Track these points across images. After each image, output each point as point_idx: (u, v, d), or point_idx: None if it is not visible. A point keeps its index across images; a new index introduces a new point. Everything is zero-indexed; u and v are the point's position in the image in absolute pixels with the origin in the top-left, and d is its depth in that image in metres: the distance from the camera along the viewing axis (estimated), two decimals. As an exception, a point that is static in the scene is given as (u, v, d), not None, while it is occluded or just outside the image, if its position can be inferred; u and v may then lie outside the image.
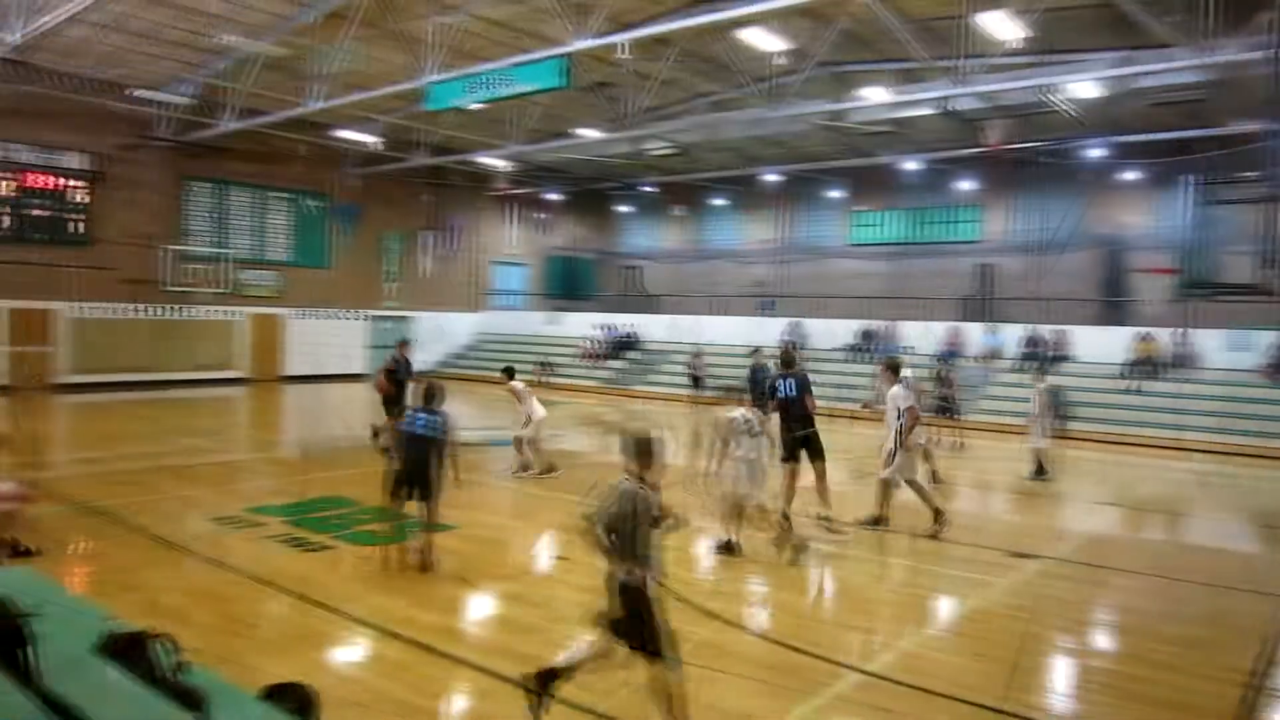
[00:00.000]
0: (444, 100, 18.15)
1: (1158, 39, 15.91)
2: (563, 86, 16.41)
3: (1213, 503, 13.66)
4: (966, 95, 18.17)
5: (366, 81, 22.70)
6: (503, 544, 9.28)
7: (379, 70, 21.70)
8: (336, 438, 17.07)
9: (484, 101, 17.99)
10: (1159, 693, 5.73)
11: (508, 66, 16.99)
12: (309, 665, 5.77)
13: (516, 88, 16.83)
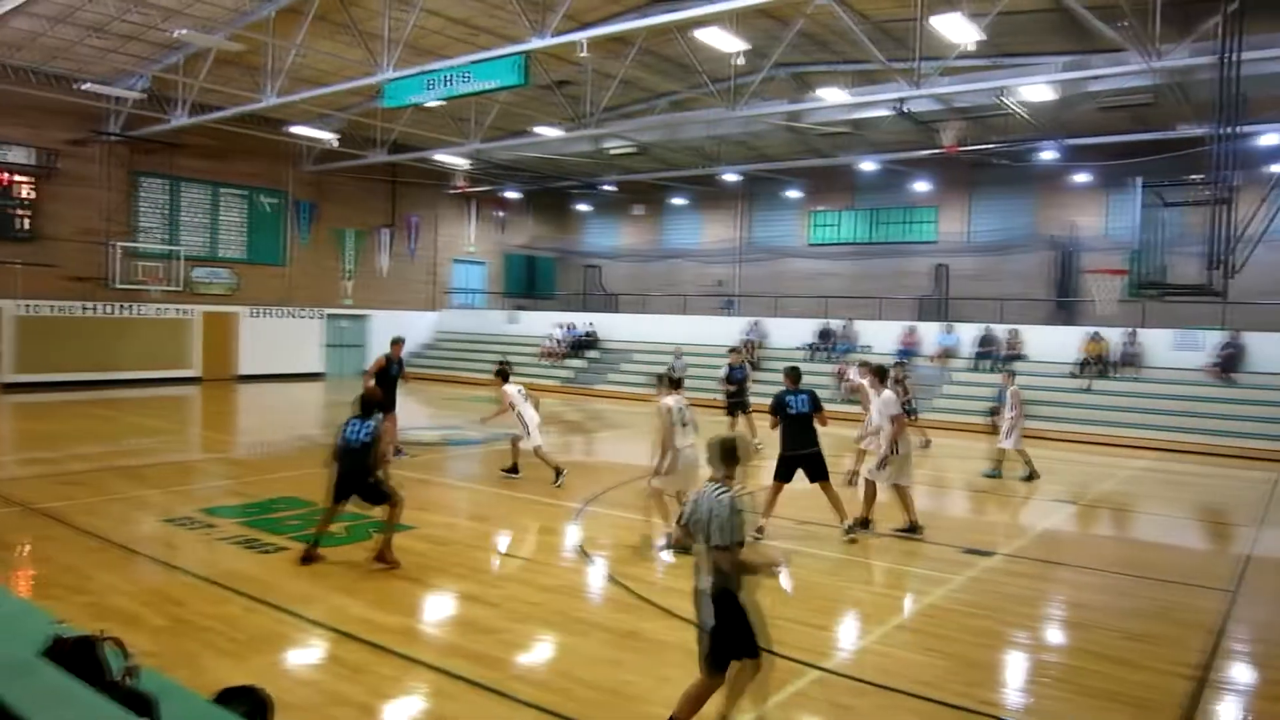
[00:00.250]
0: (401, 97, 17.99)
1: (1107, 44, 16.22)
2: (522, 84, 16.33)
3: (1162, 499, 13.95)
4: (922, 97, 18.39)
5: (322, 77, 22.47)
6: (460, 544, 9.21)
7: (335, 66, 21.48)
8: (293, 438, 16.85)
9: (442, 99, 17.85)
10: (1111, 686, 5.84)
11: (466, 63, 16.87)
12: (264, 668, 5.69)
13: (475, 85, 16.72)
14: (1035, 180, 27.24)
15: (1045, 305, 26.63)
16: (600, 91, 21.90)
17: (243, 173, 27.96)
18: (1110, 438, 18.80)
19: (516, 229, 38.09)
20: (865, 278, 30.90)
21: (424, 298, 34.33)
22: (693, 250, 35.99)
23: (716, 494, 4.67)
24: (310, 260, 30.08)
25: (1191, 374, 20.20)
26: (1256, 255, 15.54)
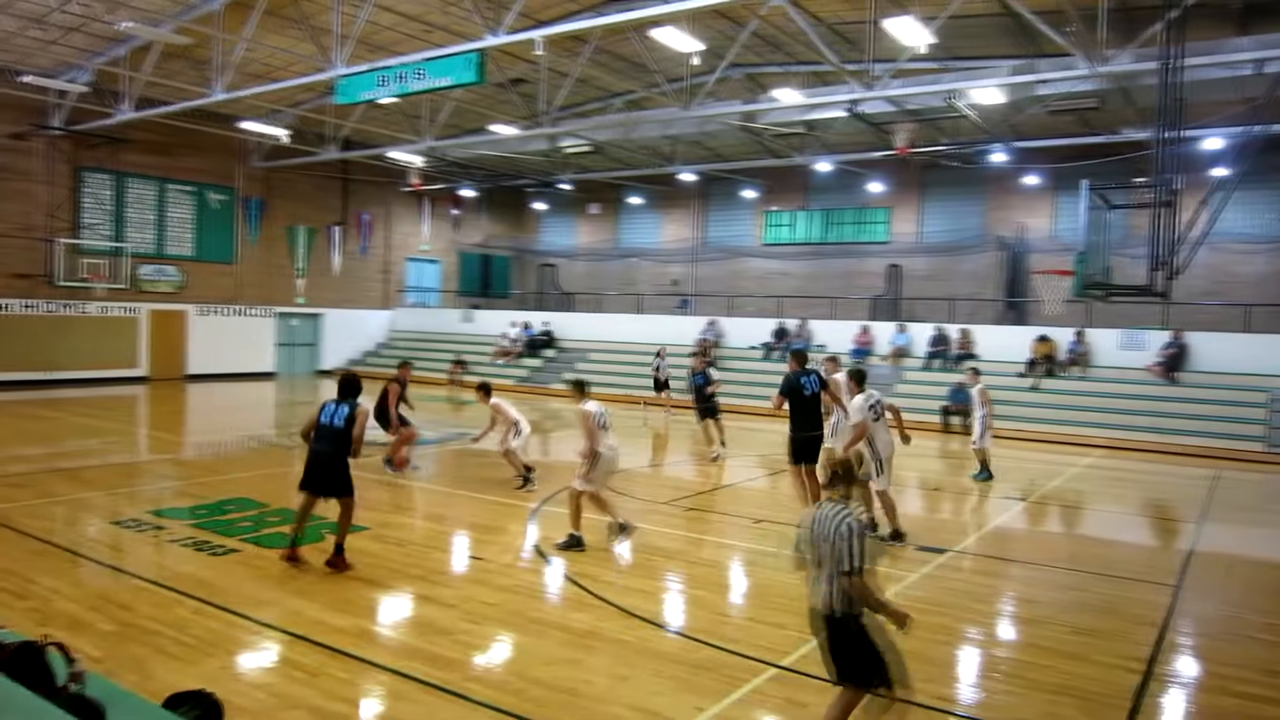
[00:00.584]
0: (354, 93, 17.76)
1: (1055, 48, 16.54)
2: (477, 82, 16.22)
3: (1108, 496, 14.25)
4: (875, 99, 18.62)
5: (273, 73, 22.14)
6: (416, 545, 9.13)
7: (285, 61, 21.17)
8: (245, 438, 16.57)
9: (396, 96, 17.66)
10: (1059, 680, 5.95)
11: (420, 60, 16.72)
12: (215, 672, 5.60)
13: (429, 82, 16.56)
14: (985, 182, 27.72)
15: (995, 305, 27.09)
16: (556, 90, 21.85)
17: (190, 169, 27.44)
18: (1058, 436, 19.16)
19: (471, 227, 37.84)
20: (819, 277, 31.22)
21: (377, 296, 33.98)
22: (649, 249, 36.05)
23: (838, 515, 4.53)
24: (260, 258, 29.61)
25: (1136, 373, 20.67)
26: (1198, 257, 15.94)
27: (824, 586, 4.55)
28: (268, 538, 8.90)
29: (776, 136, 26.01)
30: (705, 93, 20.08)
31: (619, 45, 21.18)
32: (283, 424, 19.44)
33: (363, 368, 31.36)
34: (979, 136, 23.35)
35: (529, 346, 29.74)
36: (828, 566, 4.52)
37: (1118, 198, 16.73)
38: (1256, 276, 24.10)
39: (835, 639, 4.57)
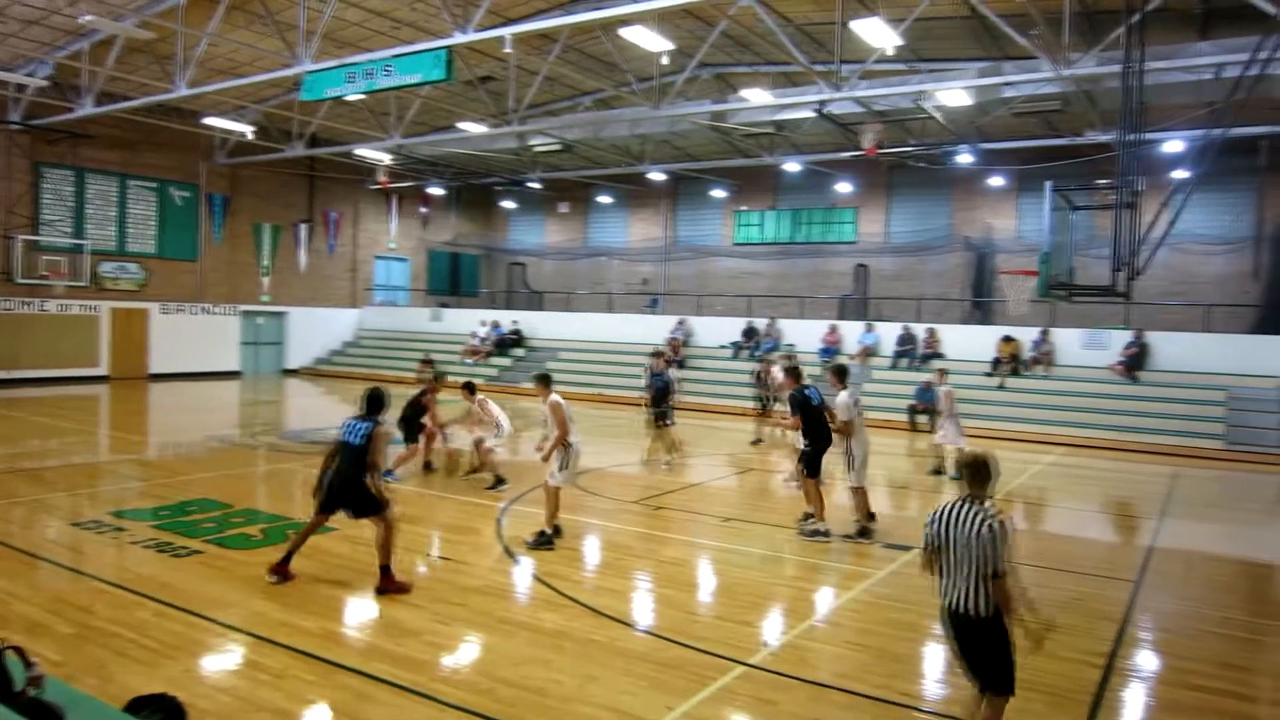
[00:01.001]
0: (321, 90, 17.59)
1: (1020, 51, 16.74)
2: (445, 79, 16.12)
3: (1071, 493, 14.45)
4: (843, 100, 18.73)
5: (237, 68, 21.88)
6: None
7: (250, 57, 20.94)
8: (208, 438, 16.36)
9: (363, 93, 17.52)
10: (1025, 675, 5.96)
11: (388, 57, 16.59)
12: (178, 676, 5.52)
13: (397, 79, 16.44)
14: (951, 183, 28.00)
15: (962, 305, 27.36)
16: (525, 88, 21.78)
17: (153, 165, 27.04)
18: (1023, 434, 19.38)
19: (440, 225, 37.62)
20: (788, 277, 31.40)
21: (345, 294, 33.68)
22: (619, 248, 36.03)
23: (977, 516, 4.48)
24: (225, 255, 29.24)
25: (1099, 372, 20.97)
26: (1159, 258, 16.20)
27: (962, 587, 4.49)
28: (232, 539, 8.80)
29: (746, 136, 26.10)
30: (675, 92, 20.12)
31: (588, 44, 21.16)
32: (247, 424, 19.23)
33: (329, 367, 31.17)
34: (945, 138, 23.58)
35: (498, 346, 29.61)
36: (966, 567, 4.47)
37: (1081, 199, 16.97)
38: (1215, 277, 24.54)
39: (974, 641, 4.53)
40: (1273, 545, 11.62)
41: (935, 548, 4.61)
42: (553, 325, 30.27)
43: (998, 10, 15.74)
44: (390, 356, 30.75)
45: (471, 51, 19.52)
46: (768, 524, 10.39)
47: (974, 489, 4.64)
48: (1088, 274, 19.11)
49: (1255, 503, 14.32)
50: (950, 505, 4.63)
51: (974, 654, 4.55)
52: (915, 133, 24.16)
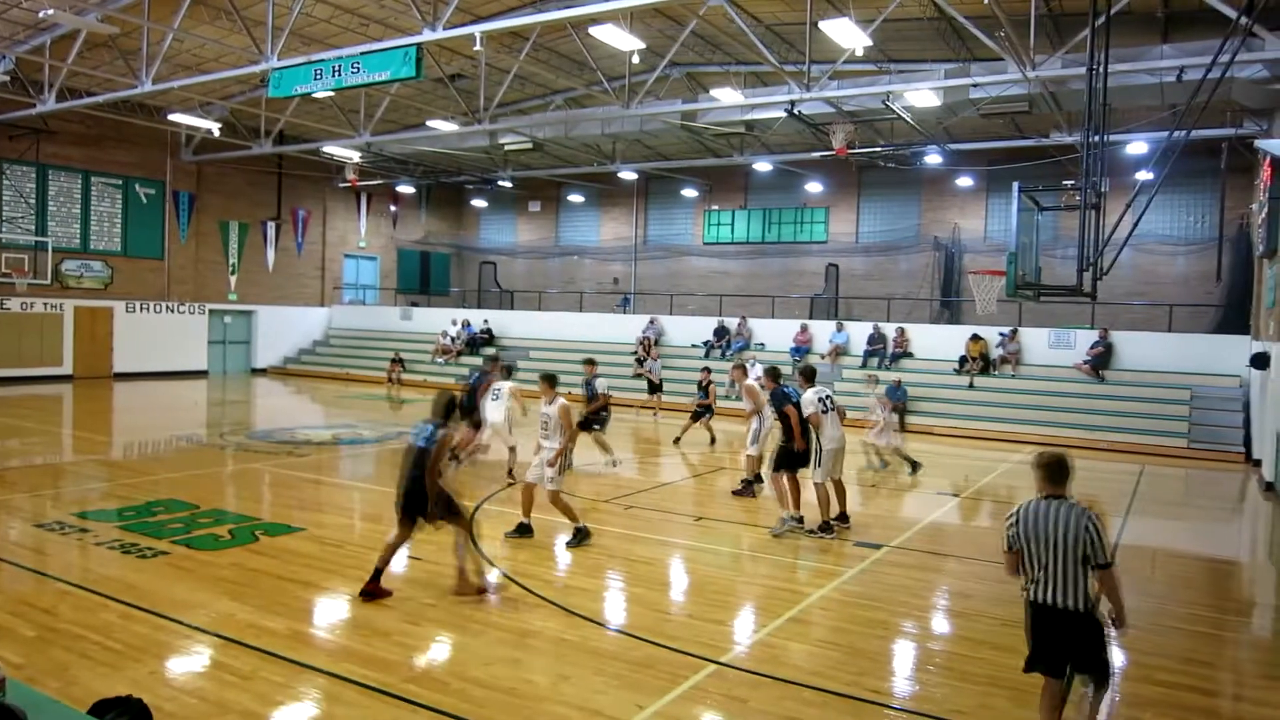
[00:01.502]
0: (288, 87, 17.39)
1: (987, 53, 16.92)
2: (414, 77, 15.99)
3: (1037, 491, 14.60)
4: (813, 100, 18.83)
5: (203, 64, 21.65)
6: (353, 545, 8.98)
7: (216, 52, 20.71)
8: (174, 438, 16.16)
9: (331, 90, 17.36)
10: (992, 672, 6.09)
11: (357, 54, 16.44)
12: (143, 678, 5.45)
13: (366, 76, 16.30)
14: (920, 183, 28.24)
15: (931, 304, 27.60)
16: (495, 86, 21.70)
17: (117, 161, 26.66)
18: (991, 432, 19.59)
19: (410, 224, 37.39)
20: (759, 276, 31.52)
21: (313, 293, 33.38)
22: (590, 247, 36.00)
23: (1070, 512, 4.57)
24: (191, 254, 28.88)
25: (1065, 371, 21.24)
26: (1123, 258, 16.44)
27: (1059, 582, 4.55)
28: (199, 539, 8.70)
29: (717, 136, 26.16)
30: (645, 91, 20.13)
31: (559, 42, 21.11)
32: (214, 424, 19.02)
33: (298, 366, 30.90)
34: (914, 138, 23.77)
35: (469, 345, 29.49)
36: (1062, 563, 4.54)
37: (1047, 200, 17.15)
38: (1178, 277, 24.94)
39: (1072, 635, 4.57)
40: (1234, 542, 11.84)
41: (1021, 546, 4.67)
42: (524, 324, 30.19)
43: (965, 12, 15.90)
44: (360, 356, 30.56)
45: (441, 49, 19.42)
46: (739, 522, 10.43)
47: (1053, 487, 4.72)
48: (1054, 274, 19.35)
49: (1217, 500, 14.56)
50: (1033, 505, 4.71)
51: (1071, 647, 4.61)
52: (885, 133, 24.35)
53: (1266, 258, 15.90)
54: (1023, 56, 15.52)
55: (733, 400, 21.75)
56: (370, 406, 22.36)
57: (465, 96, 22.02)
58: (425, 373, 28.60)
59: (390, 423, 19.42)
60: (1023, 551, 4.67)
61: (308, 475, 12.65)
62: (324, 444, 15.86)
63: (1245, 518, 13.37)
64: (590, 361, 14.11)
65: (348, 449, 15.55)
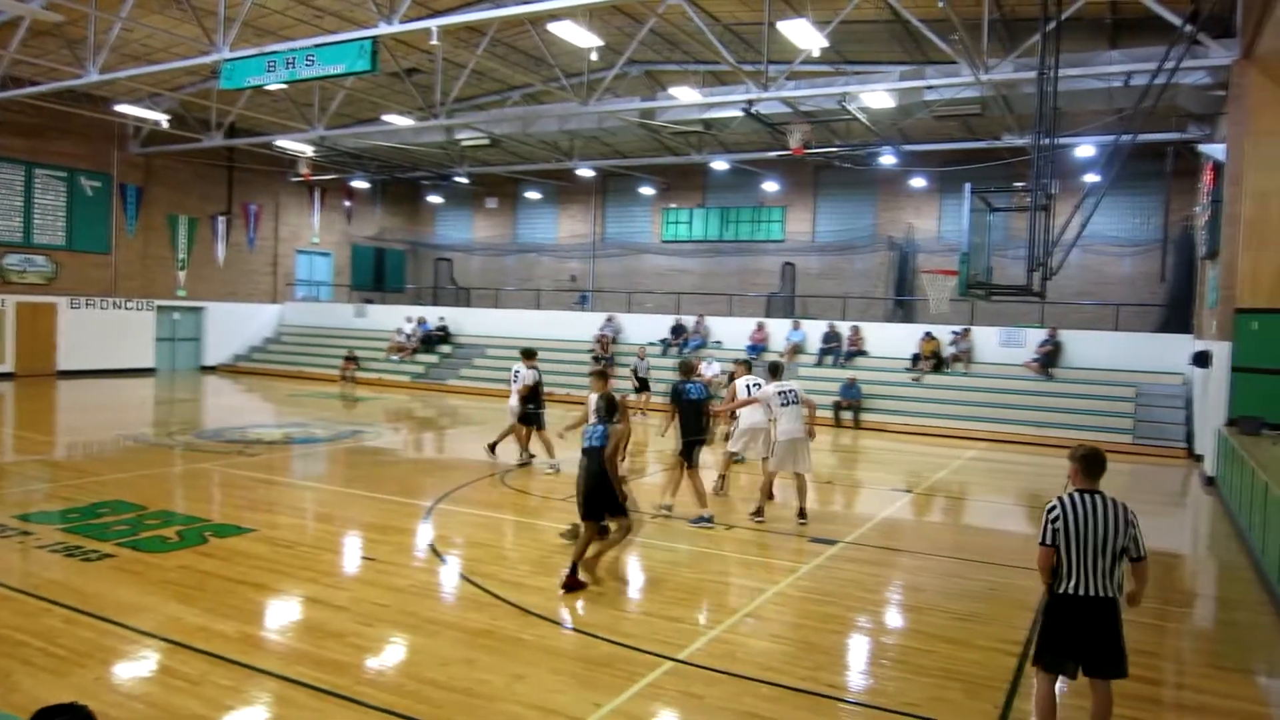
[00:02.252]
0: (240, 79, 17.10)
1: (941, 56, 17.13)
2: (370, 71, 15.80)
3: (989, 487, 14.85)
4: (770, 100, 18.95)
5: (152, 54, 21.20)
6: (305, 546, 8.87)
7: (166, 43, 20.28)
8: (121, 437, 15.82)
9: (284, 82, 17.09)
10: (944, 664, 6.17)
11: (311, 46, 16.21)
12: (88, 684, 5.32)
13: (320, 69, 16.06)
14: (875, 184, 28.53)
15: (885, 303, 27.90)
16: (452, 81, 21.53)
17: (62, 153, 26.03)
18: (944, 429, 19.87)
19: (364, 220, 36.98)
20: (716, 275, 31.64)
21: (265, 289, 32.87)
22: (548, 245, 35.88)
23: (1111, 506, 4.67)
24: (139, 248, 28.28)
25: (1015, 369, 21.60)
26: (1072, 259, 16.76)
27: (1097, 573, 4.63)
28: (146, 541, 8.52)
29: (675, 134, 26.21)
30: (604, 89, 20.09)
31: (517, 38, 21.00)
32: (162, 422, 18.65)
33: (250, 364, 30.44)
34: (869, 139, 24.02)
35: (424, 342, 29.25)
36: (1103, 555, 4.62)
37: (999, 201, 17.44)
38: (1125, 278, 25.49)
39: (1102, 624, 4.63)
40: (1176, 535, 12.12)
41: (1061, 542, 4.71)
42: (480, 322, 30.00)
43: (919, 15, 16.09)
44: (313, 353, 30.16)
45: (397, 43, 19.23)
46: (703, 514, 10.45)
47: (1089, 481, 4.82)
48: (1005, 274, 19.68)
49: (1160, 494, 14.90)
50: (1075, 499, 4.76)
51: (1099, 637, 4.67)
52: (841, 134, 24.56)
53: (1208, 259, 16.31)
54: (976, 60, 15.75)
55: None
56: (323, 405, 22.08)
57: (421, 91, 21.81)
58: (380, 370, 28.32)
59: (344, 421, 19.19)
60: (1060, 546, 4.71)
61: (259, 475, 12.45)
62: (276, 443, 15.63)
63: (1187, 511, 13.70)
64: (528, 353, 14.05)
65: (300, 448, 15.33)
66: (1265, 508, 8.53)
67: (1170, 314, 22.43)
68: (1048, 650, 4.78)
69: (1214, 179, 15.48)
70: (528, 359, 13.93)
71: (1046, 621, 4.81)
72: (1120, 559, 4.65)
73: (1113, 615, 4.66)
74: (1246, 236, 13.52)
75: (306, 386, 26.18)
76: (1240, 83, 13.92)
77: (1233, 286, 13.70)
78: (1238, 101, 13.96)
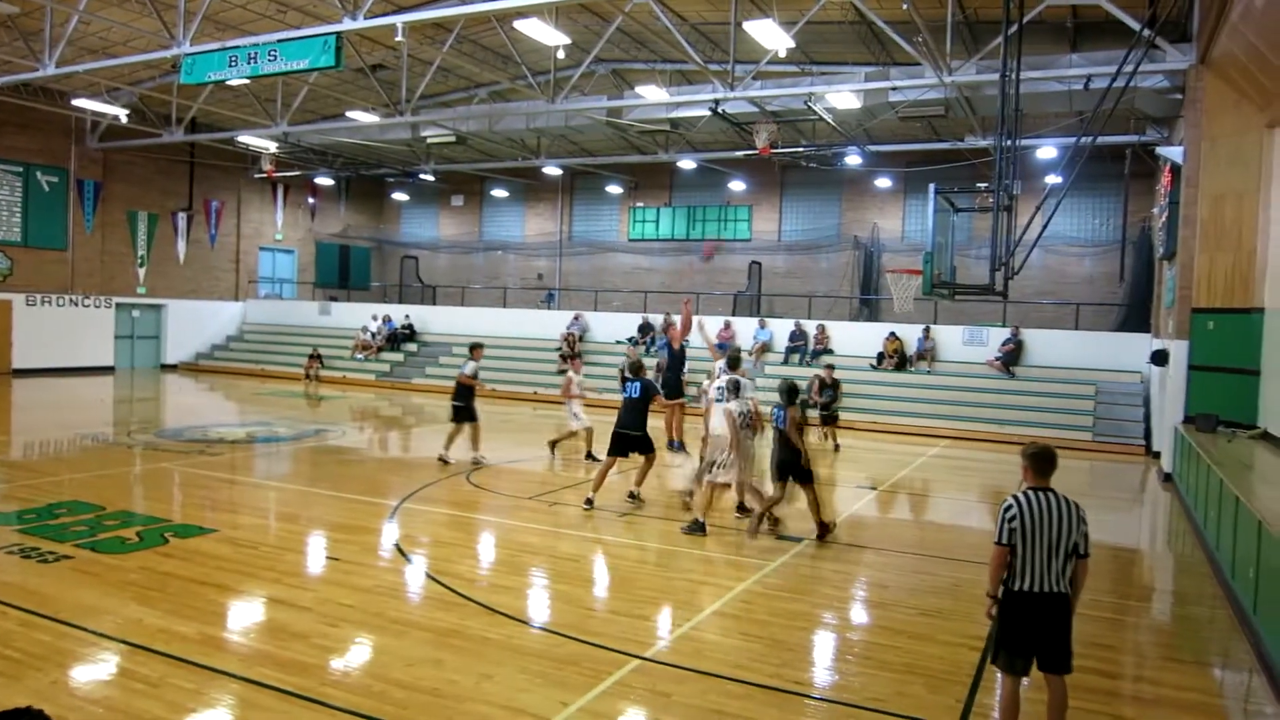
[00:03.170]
0: (202, 73, 16.86)
1: (906, 58, 17.29)
2: (334, 66, 15.65)
3: (952, 484, 15.02)
4: (737, 99, 19.02)
5: (111, 48, 20.86)
6: (268, 546, 8.77)
7: (125, 36, 19.97)
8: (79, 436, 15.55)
9: (247, 78, 16.87)
10: (908, 660, 6.24)
11: (274, 41, 16.02)
12: (45, 688, 5.23)
13: (283, 65, 15.88)
14: (841, 183, 28.74)
15: (851, 302, 28.11)
16: (418, 78, 21.39)
17: (17, 147, 25.52)
18: (908, 427, 20.07)
19: (329, 217, 36.61)
20: (683, 273, 31.70)
21: (227, 287, 32.46)
22: (514, 243, 35.76)
23: (1064, 503, 4.72)
24: (97, 244, 27.81)
25: (978, 367, 21.86)
26: (1033, 259, 16.98)
27: (1052, 569, 4.68)
28: (105, 542, 8.38)
29: (642, 133, 26.23)
30: (571, 87, 20.06)
31: (483, 35, 20.90)
32: (121, 422, 18.35)
33: (211, 362, 30.07)
34: (835, 139, 24.18)
35: (390, 340, 29.03)
36: (1058, 551, 4.67)
37: (962, 201, 17.63)
38: (1085, 277, 25.89)
39: (1055, 619, 4.69)
40: (1135, 531, 12.34)
41: (1016, 541, 4.73)
42: (446, 320, 29.82)
43: (885, 17, 16.23)
44: (276, 351, 29.84)
45: (362, 38, 19.07)
46: (663, 519, 10.47)
47: (1041, 479, 4.84)
48: (968, 273, 19.91)
49: (1119, 491, 15.16)
50: (1028, 498, 4.78)
51: (1053, 633, 4.72)
52: (807, 134, 24.70)
53: (1166, 260, 16.60)
54: (940, 62, 15.91)
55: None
56: (287, 403, 21.84)
57: (386, 88, 21.64)
58: (344, 369, 28.07)
59: (308, 420, 19.00)
60: (1016, 545, 4.74)
61: (221, 475, 12.29)
62: (238, 442, 15.45)
63: (1145, 507, 13.94)
64: (477, 346, 13.92)
65: (263, 447, 15.16)
66: (1220, 503, 8.70)
67: (1129, 313, 22.80)
68: (1004, 648, 4.84)
69: (1171, 181, 15.75)
70: (476, 349, 13.83)
71: (1002, 619, 4.85)
72: (1071, 556, 4.72)
73: (1066, 611, 4.74)
74: (1202, 238, 13.77)
75: (270, 385, 25.88)
76: (1196, 87, 14.18)
77: (1189, 286, 13.95)
78: (1194, 105, 14.22)
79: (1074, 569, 4.75)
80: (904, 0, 15.39)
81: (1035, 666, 4.78)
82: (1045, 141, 21.62)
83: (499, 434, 17.09)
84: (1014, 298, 18.63)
